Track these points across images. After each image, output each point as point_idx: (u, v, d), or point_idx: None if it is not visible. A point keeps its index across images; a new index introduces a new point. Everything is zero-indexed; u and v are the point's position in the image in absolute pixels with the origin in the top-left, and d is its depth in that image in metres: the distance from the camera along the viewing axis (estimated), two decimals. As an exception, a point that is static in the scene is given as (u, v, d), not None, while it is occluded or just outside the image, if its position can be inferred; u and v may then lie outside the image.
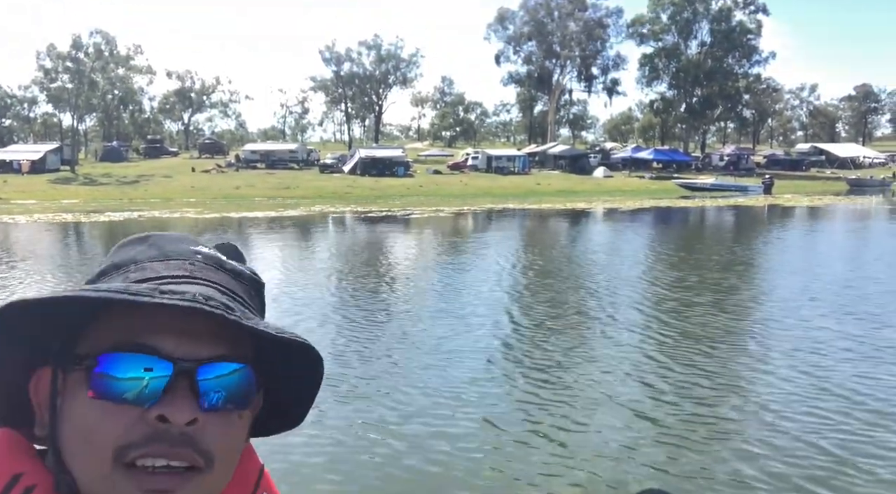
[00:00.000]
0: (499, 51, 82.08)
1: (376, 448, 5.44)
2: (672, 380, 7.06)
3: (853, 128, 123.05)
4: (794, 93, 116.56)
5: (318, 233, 24.89)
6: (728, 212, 35.02)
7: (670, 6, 74.95)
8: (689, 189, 50.79)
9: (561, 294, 12.10)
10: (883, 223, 28.82)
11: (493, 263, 16.00)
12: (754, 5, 74.31)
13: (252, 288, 0.71)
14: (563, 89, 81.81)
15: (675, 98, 78.42)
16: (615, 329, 9.32)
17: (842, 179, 61.16)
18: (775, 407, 6.22)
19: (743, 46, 74.35)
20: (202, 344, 0.62)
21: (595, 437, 5.65)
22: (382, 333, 9.29)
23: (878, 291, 11.94)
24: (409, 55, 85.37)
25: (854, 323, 9.43)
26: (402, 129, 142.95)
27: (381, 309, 10.90)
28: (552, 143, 75.84)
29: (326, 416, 5.97)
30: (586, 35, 76.03)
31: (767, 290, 12.58)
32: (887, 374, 7.12)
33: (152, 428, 0.58)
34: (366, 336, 9.02)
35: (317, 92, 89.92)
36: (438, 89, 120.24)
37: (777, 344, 8.42)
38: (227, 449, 0.62)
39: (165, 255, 0.67)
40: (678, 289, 12.37)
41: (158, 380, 0.59)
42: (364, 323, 9.70)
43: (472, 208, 36.53)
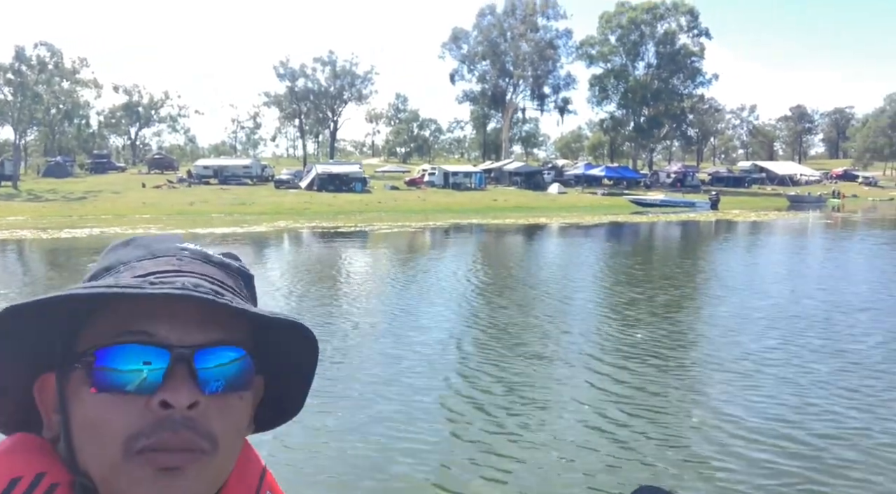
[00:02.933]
0: (453, 69, 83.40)
1: (323, 463, 5.35)
2: (625, 389, 7.16)
3: (790, 147, 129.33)
4: (735, 114, 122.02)
5: (283, 250, 24.73)
6: (680, 226, 36.32)
7: (618, 29, 77.66)
8: (641, 205, 52.39)
9: (521, 308, 12.09)
10: (820, 236, 30.43)
11: (457, 278, 16.12)
12: (697, 29, 77.70)
13: (241, 279, 0.72)
14: (516, 107, 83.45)
15: (624, 117, 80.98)
16: (571, 343, 9.29)
17: (782, 195, 64.13)
18: (725, 415, 6.33)
19: (687, 68, 77.47)
20: (196, 330, 0.63)
21: (549, 444, 5.67)
22: (337, 349, 8.99)
23: (823, 301, 12.55)
24: (364, 72, 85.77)
25: (800, 332, 9.78)
26: (357, 145, 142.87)
27: (340, 325, 10.63)
28: (507, 160, 77.13)
29: (281, 432, 6.02)
30: (538, 55, 77.94)
31: (721, 302, 12.89)
32: (832, 378, 7.39)
33: (156, 415, 0.59)
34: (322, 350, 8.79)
35: (270, 107, 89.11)
36: (393, 106, 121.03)
37: (726, 354, 8.58)
38: (229, 431, 0.63)
39: (153, 254, 0.68)
40: (636, 303, 12.61)
41: (158, 368, 0.60)
42: (324, 339, 9.53)
43: (433, 224, 36.85)
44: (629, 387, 7.20)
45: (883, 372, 7.56)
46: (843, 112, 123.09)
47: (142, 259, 0.68)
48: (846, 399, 6.62)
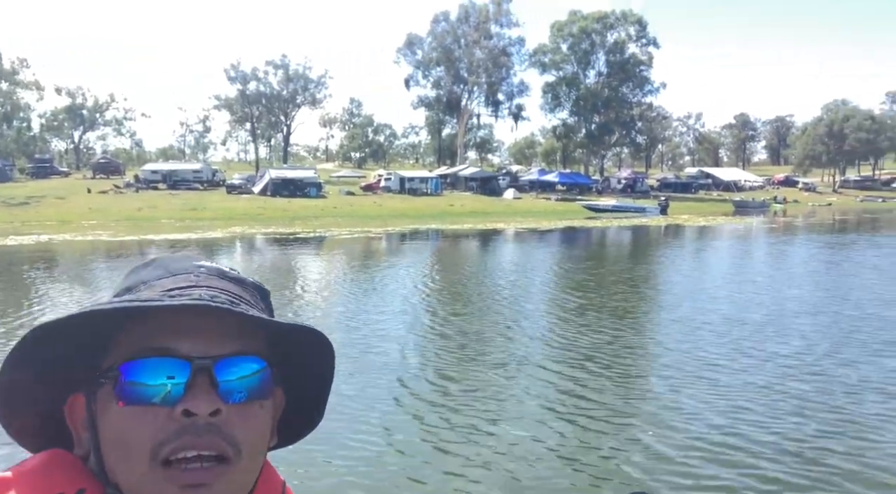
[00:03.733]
0: (408, 75, 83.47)
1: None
2: (577, 395, 7.20)
3: (734, 154, 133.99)
4: (681, 121, 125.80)
5: (240, 256, 24.28)
6: (633, 231, 37.22)
7: (569, 37, 79.13)
8: (594, 210, 53.47)
9: (476, 315, 12.06)
10: (765, 240, 31.62)
11: (414, 285, 16.07)
12: (646, 38, 79.81)
13: (257, 293, 0.74)
14: (470, 113, 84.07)
15: (576, 124, 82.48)
16: (525, 350, 9.30)
17: (727, 201, 66.38)
18: (673, 420, 6.39)
19: (636, 77, 79.46)
20: (215, 341, 0.65)
21: (502, 452, 5.67)
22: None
23: (769, 306, 12.90)
24: (318, 76, 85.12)
25: (747, 334, 10.04)
26: (310, 150, 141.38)
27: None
28: (463, 166, 77.57)
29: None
30: (492, 62, 78.73)
31: (672, 307, 13.08)
32: (775, 383, 7.51)
33: (180, 423, 0.61)
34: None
35: (220, 110, 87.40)
36: (347, 110, 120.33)
37: (676, 359, 8.66)
38: (252, 439, 0.65)
39: (171, 272, 0.71)
40: (590, 309, 12.69)
41: (180, 380, 0.62)
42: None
43: (390, 229, 36.80)
44: (581, 393, 7.21)
45: (821, 374, 7.76)
46: (783, 120, 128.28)
47: (161, 277, 0.70)
48: (793, 403, 6.75)
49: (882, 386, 7.25)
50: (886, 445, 5.65)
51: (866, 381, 7.44)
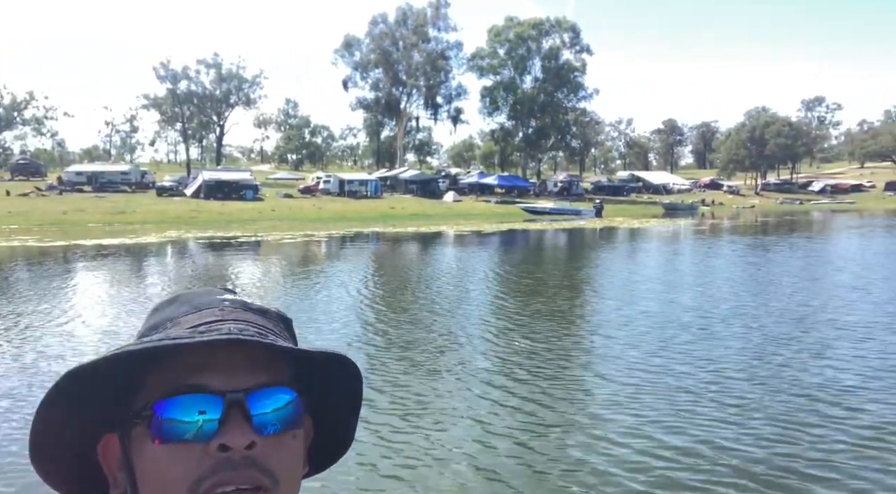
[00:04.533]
0: (346, 76, 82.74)
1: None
2: (513, 400, 7.24)
3: (662, 158, 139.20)
4: (613, 126, 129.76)
5: (175, 262, 23.48)
6: (572, 234, 38.12)
7: (506, 43, 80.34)
8: (532, 213, 54.46)
9: (416, 321, 12.04)
10: (695, 242, 33.04)
11: (354, 289, 15.98)
12: (579, 45, 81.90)
13: (281, 322, 0.75)
14: (409, 116, 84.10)
15: (513, 128, 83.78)
16: (462, 355, 9.33)
17: (658, 204, 68.88)
18: (607, 423, 6.48)
19: (570, 83, 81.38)
20: (245, 374, 0.65)
21: (438, 459, 5.65)
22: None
23: (699, 307, 13.49)
24: (253, 76, 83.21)
25: (680, 336, 10.36)
26: (245, 151, 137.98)
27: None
28: (402, 168, 77.52)
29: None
30: (430, 65, 79.06)
31: (610, 308, 13.39)
32: (703, 384, 7.73)
33: (216, 459, 0.62)
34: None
35: (149, 110, 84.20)
36: (283, 111, 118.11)
37: (610, 362, 8.78)
38: (288, 469, 0.66)
39: (196, 307, 0.71)
40: (530, 313, 12.88)
41: (213, 415, 0.63)
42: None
43: (333, 232, 36.40)
44: (517, 398, 7.26)
45: (749, 376, 8.02)
46: (708, 126, 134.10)
47: (187, 314, 0.71)
48: (725, 405, 6.91)
49: (810, 386, 7.54)
50: (818, 444, 5.84)
51: (794, 381, 7.73)
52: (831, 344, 9.50)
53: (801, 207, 75.92)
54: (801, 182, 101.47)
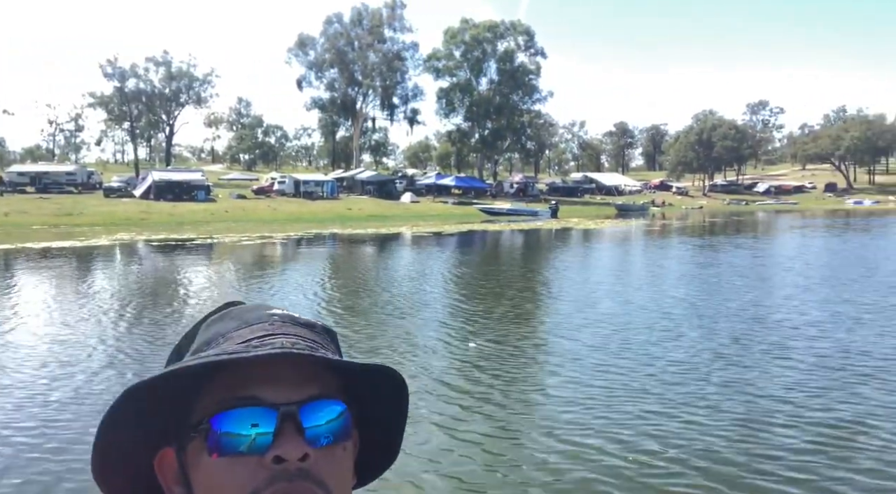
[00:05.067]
0: (301, 75, 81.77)
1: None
2: (469, 402, 7.24)
3: (614, 160, 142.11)
4: (566, 128, 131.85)
5: (124, 265, 22.79)
6: (529, 234, 38.56)
7: (462, 45, 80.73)
8: (490, 214, 54.88)
9: (375, 321, 12.00)
10: (648, 241, 33.95)
11: (312, 292, 15.84)
12: (534, 48, 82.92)
13: (327, 336, 0.76)
14: (365, 116, 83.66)
15: (470, 129, 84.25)
16: (423, 354, 9.35)
17: (611, 204, 70.33)
18: (564, 425, 6.49)
19: (525, 85, 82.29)
20: (297, 387, 0.67)
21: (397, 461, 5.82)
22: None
23: (652, 307, 13.97)
24: (204, 74, 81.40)
25: (635, 335, 10.56)
26: (195, 151, 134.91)
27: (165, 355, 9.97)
28: (359, 169, 77.05)
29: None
30: (386, 66, 78.82)
31: (568, 305, 13.65)
32: (657, 382, 7.87)
33: (272, 471, 0.63)
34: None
35: (95, 109, 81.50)
36: (235, 110, 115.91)
37: (568, 359, 9.02)
38: (339, 481, 0.67)
39: (246, 322, 0.73)
40: (489, 315, 12.95)
41: (268, 427, 0.65)
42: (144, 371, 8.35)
43: (285, 234, 35.95)
44: (475, 400, 7.28)
45: (707, 376, 8.15)
46: (658, 128, 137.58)
47: (238, 328, 0.72)
48: (682, 404, 7.01)
49: (762, 385, 7.73)
50: (773, 441, 5.96)
51: (748, 380, 7.93)
52: (781, 343, 9.81)
53: (747, 208, 78.67)
54: (747, 183, 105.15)
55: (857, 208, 77.00)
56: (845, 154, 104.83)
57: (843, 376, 7.99)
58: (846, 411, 6.68)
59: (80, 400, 7.29)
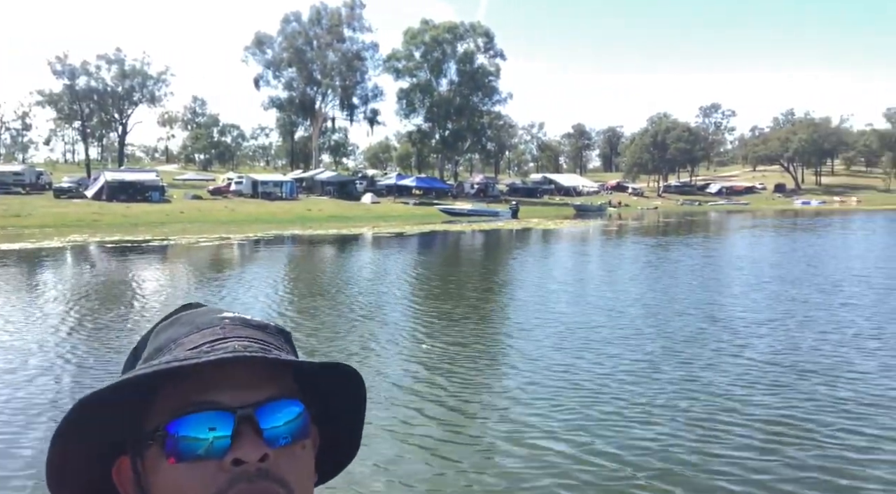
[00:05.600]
0: (258, 74, 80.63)
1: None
2: (432, 401, 7.26)
3: (572, 161, 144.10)
4: (526, 130, 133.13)
5: (74, 268, 22.17)
6: (491, 234, 38.91)
7: (422, 45, 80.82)
8: (451, 214, 55.06)
9: (335, 322, 11.94)
10: (606, 241, 34.65)
11: (271, 292, 15.79)
12: (493, 50, 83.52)
13: (281, 336, 0.76)
14: (325, 116, 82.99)
15: (430, 130, 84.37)
16: (383, 356, 9.34)
17: (569, 205, 71.37)
18: (521, 424, 6.53)
19: (485, 86, 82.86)
20: (253, 389, 0.67)
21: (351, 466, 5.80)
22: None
23: (609, 304, 14.25)
24: (158, 72, 79.53)
25: (593, 335, 10.69)
26: (148, 150, 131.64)
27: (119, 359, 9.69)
28: (319, 169, 76.40)
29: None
30: (346, 66, 78.33)
31: (530, 306, 13.76)
32: (616, 381, 7.91)
33: (231, 473, 0.63)
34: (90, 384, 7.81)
35: (44, 107, 78.83)
36: (189, 109, 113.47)
37: (523, 358, 9.10)
38: (300, 479, 0.68)
39: (197, 327, 0.72)
40: (453, 311, 13.16)
41: (225, 430, 0.65)
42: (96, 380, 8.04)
43: (246, 235, 35.44)
44: (434, 404, 7.24)
45: (662, 375, 8.35)
46: (614, 130, 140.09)
47: (189, 334, 0.72)
48: (638, 405, 7.07)
49: (713, 384, 7.90)
50: (725, 440, 6.04)
51: (698, 380, 8.09)
52: (732, 340, 10.10)
53: (700, 208, 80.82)
54: (700, 184, 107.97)
55: (804, 208, 79.92)
56: (793, 155, 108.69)
57: (790, 372, 8.28)
58: (796, 408, 6.81)
59: (15, 409, 7.10)
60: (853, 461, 5.53)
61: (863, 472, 5.31)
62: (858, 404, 6.98)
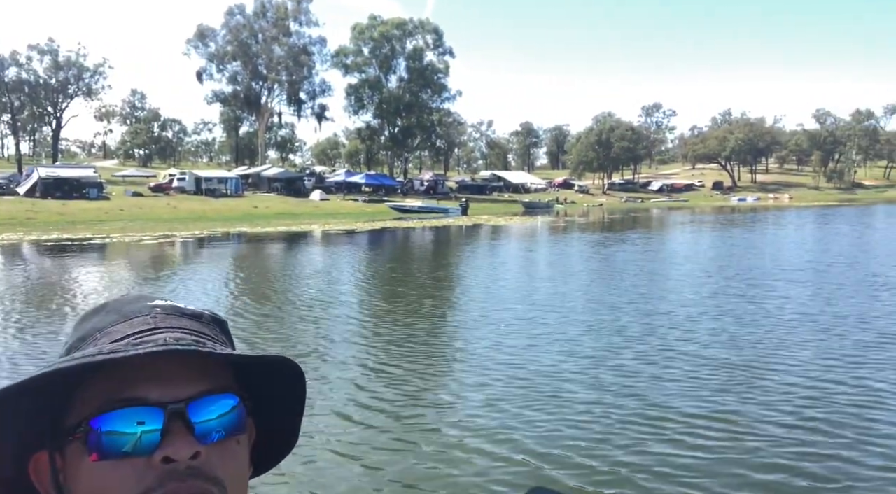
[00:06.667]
0: (201, 68, 78.61)
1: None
2: (381, 399, 7.19)
3: (520, 158, 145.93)
4: (475, 127, 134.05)
5: (7, 267, 21.21)
6: (441, 231, 39.04)
7: (370, 41, 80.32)
8: (401, 211, 54.98)
9: (283, 321, 11.71)
10: (553, 236, 35.23)
11: (216, 290, 15.46)
12: (442, 48, 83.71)
13: (216, 326, 0.73)
14: (271, 112, 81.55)
15: (380, 126, 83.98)
16: (331, 356, 9.19)
17: (518, 202, 72.23)
18: (467, 419, 6.51)
19: (434, 84, 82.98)
20: (184, 384, 0.64)
21: (297, 468, 5.36)
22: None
23: (554, 302, 14.64)
24: (95, 64, 76.60)
25: (542, 332, 10.69)
26: (84, 145, 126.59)
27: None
28: (265, 166, 75.02)
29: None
30: (292, 60, 77.17)
31: (480, 303, 13.75)
32: (564, 378, 7.96)
33: (160, 471, 0.60)
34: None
35: (-31, 98, 74.80)
36: (128, 103, 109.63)
37: (478, 351, 9.23)
38: (234, 474, 0.65)
39: (126, 316, 0.68)
40: (404, 309, 13.19)
41: (154, 427, 0.61)
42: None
43: (192, 232, 34.60)
44: (384, 402, 7.14)
45: (601, 373, 8.44)
46: (561, 129, 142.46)
47: (116, 323, 0.68)
48: (588, 403, 7.02)
49: (654, 383, 8.00)
50: (667, 438, 5.99)
51: (641, 377, 8.22)
52: (671, 334, 10.34)
53: (643, 205, 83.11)
54: (642, 182, 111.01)
55: (741, 205, 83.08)
56: (730, 154, 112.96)
57: (728, 368, 8.56)
58: (737, 406, 6.79)
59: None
60: (790, 455, 5.54)
61: (798, 466, 5.33)
62: (786, 392, 7.21)
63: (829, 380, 7.57)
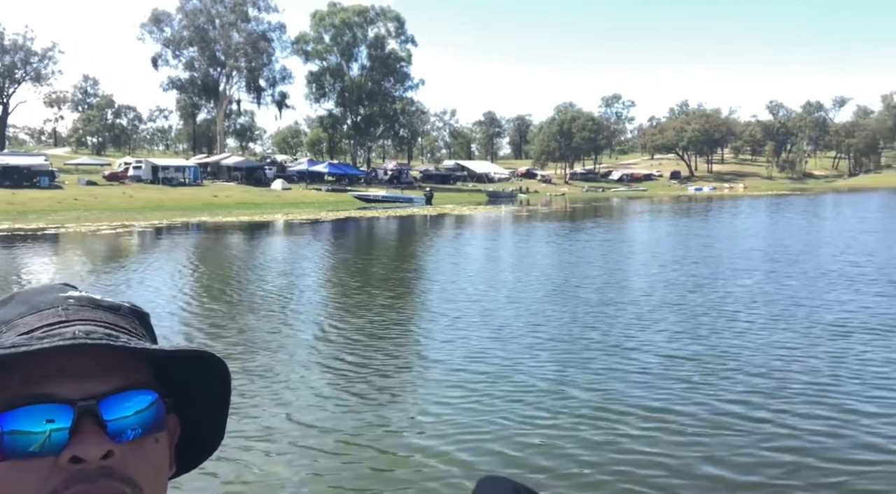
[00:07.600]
0: (156, 53, 76.50)
1: None
2: (347, 392, 7.14)
3: (483, 148, 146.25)
4: (438, 117, 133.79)
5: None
6: (406, 220, 38.98)
7: (331, 28, 79.19)
8: (365, 201, 54.66)
9: (244, 313, 11.55)
10: (517, 225, 35.59)
11: (176, 282, 15.25)
12: (405, 36, 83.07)
13: (135, 319, 0.70)
14: (230, 99, 79.91)
15: (342, 115, 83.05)
16: (295, 348, 9.07)
17: (482, 191, 72.52)
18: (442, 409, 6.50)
19: (397, 72, 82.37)
20: (97, 379, 0.61)
21: (265, 463, 5.38)
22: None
23: (525, 286, 14.92)
24: (43, 49, 73.89)
25: (508, 321, 10.84)
26: (33, 133, 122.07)
27: None
28: (225, 154, 73.61)
29: None
30: (251, 47, 75.64)
31: (445, 292, 13.83)
32: (531, 370, 7.85)
33: (69, 472, 0.57)
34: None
35: None
36: (80, 89, 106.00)
37: (437, 346, 9.10)
38: (151, 474, 0.62)
39: (35, 308, 0.65)
40: (369, 300, 13.20)
41: (62, 425, 0.58)
42: None
43: (147, 222, 33.80)
44: (348, 395, 7.10)
45: (572, 360, 8.70)
46: (523, 119, 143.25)
47: (24, 315, 0.64)
48: (551, 392, 7.08)
49: (614, 375, 8.14)
50: (627, 432, 6.00)
51: (601, 371, 8.35)
52: (632, 325, 10.65)
53: (603, 194, 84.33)
54: (603, 172, 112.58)
55: (697, 194, 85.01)
56: (687, 144, 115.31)
57: (684, 359, 8.87)
58: (701, 400, 6.79)
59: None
60: (750, 444, 5.63)
61: (762, 455, 5.44)
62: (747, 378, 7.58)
63: (786, 370, 7.78)
